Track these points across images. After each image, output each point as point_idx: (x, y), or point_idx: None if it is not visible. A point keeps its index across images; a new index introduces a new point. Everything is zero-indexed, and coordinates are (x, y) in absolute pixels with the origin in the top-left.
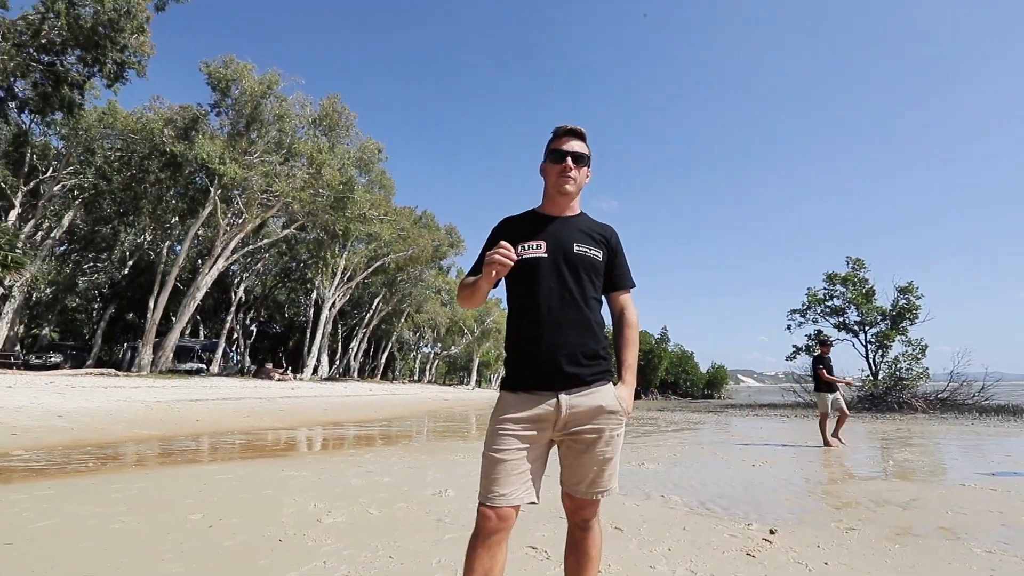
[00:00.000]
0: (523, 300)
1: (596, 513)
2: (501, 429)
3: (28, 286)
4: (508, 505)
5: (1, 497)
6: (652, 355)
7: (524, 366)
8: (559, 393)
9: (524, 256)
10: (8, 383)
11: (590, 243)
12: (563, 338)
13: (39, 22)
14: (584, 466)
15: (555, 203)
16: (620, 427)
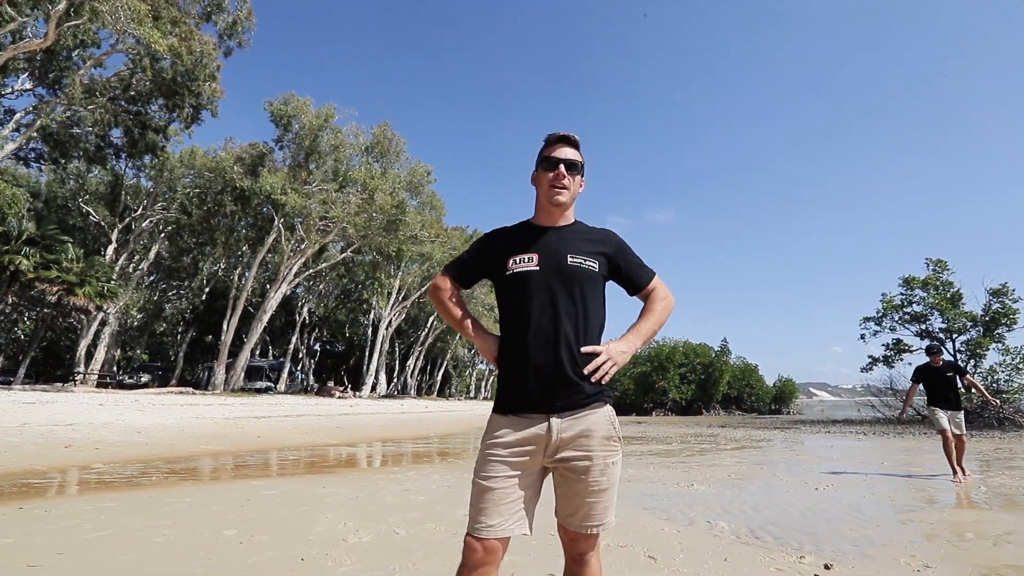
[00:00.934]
0: (513, 317)
1: (594, 547)
2: (490, 455)
3: (122, 313)
4: (495, 537)
5: (69, 508)
6: (712, 369)
7: (514, 388)
8: (550, 417)
9: (515, 270)
10: (100, 401)
11: (585, 254)
12: (554, 358)
13: (128, 77)
14: (577, 496)
15: (548, 213)
16: (616, 454)
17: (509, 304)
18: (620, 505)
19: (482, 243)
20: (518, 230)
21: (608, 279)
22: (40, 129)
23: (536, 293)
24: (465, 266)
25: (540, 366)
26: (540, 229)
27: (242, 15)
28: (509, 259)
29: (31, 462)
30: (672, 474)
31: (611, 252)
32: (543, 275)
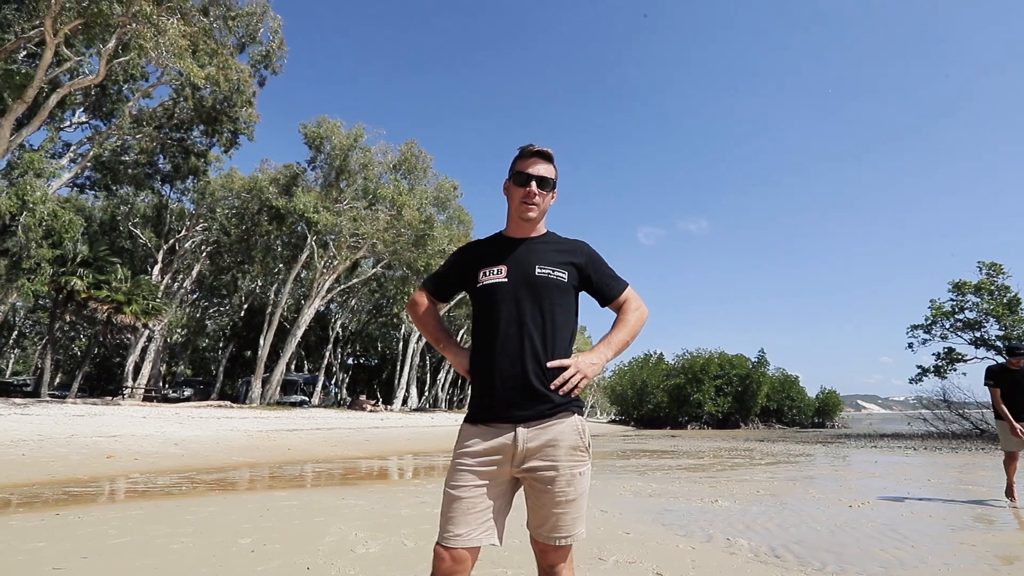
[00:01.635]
0: (482, 328)
1: (565, 559)
2: (458, 464)
3: (166, 330)
4: (463, 546)
5: (100, 515)
6: (749, 380)
7: (482, 398)
8: (516, 427)
9: (484, 282)
10: (143, 414)
11: (554, 264)
12: (519, 367)
13: (172, 106)
14: (544, 507)
15: (518, 226)
16: (582, 465)
17: (479, 315)
18: (636, 520)
19: (456, 257)
20: (490, 242)
21: (580, 290)
22: (94, 158)
23: (504, 304)
24: (441, 280)
25: (507, 376)
26: (511, 241)
27: (274, 45)
28: (480, 271)
29: (75, 471)
30: (697, 489)
31: (581, 262)
32: (511, 286)
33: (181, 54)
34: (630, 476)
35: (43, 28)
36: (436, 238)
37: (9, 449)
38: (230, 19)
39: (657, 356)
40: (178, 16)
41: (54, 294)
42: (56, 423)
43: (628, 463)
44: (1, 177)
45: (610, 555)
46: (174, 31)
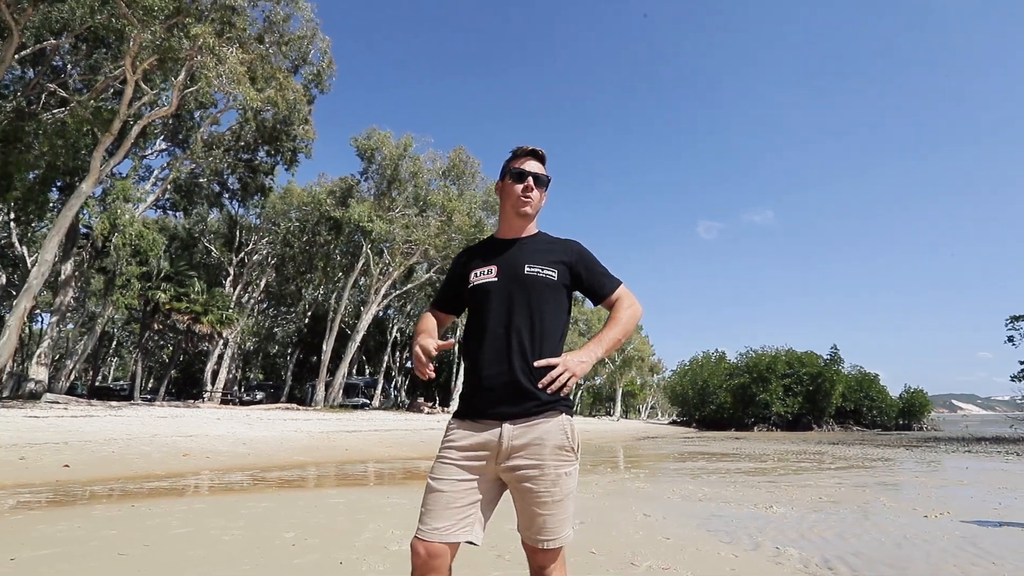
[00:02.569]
0: (473, 326)
1: (554, 561)
2: (443, 457)
3: (240, 337)
4: (439, 541)
5: (168, 508)
6: (822, 379)
7: (470, 394)
8: (503, 423)
9: (475, 283)
10: (218, 416)
11: (544, 263)
12: (505, 365)
13: (239, 129)
14: (529, 508)
15: (511, 226)
16: (568, 465)
17: (471, 315)
18: (679, 525)
19: (452, 265)
20: (481, 245)
21: (571, 288)
22: (172, 181)
23: (493, 303)
24: (443, 294)
25: (494, 373)
26: (502, 242)
27: (324, 65)
28: (472, 272)
29: (154, 468)
30: (753, 494)
31: (572, 261)
32: (501, 285)
33: (240, 80)
34: (682, 479)
35: (124, 67)
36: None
37: (102, 447)
38: (283, 44)
39: (719, 354)
40: (236, 45)
41: (142, 306)
42: (143, 424)
43: (683, 466)
44: (96, 203)
45: (643, 560)
46: (233, 59)
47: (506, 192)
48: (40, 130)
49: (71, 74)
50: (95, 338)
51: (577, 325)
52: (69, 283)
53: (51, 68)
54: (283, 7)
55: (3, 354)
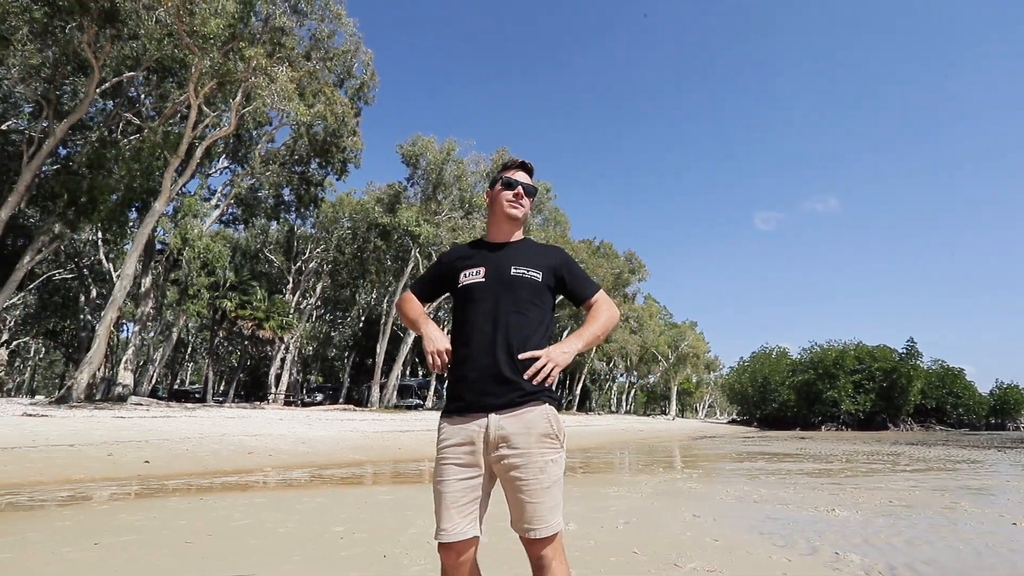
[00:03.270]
0: (460, 324)
1: (550, 549)
2: (441, 458)
3: (299, 342)
4: (452, 541)
5: (232, 501)
6: (897, 375)
7: (458, 390)
8: (488, 414)
9: (464, 282)
10: (280, 416)
11: (528, 265)
12: (493, 358)
13: (293, 144)
14: (518, 496)
15: (500, 230)
16: (554, 453)
17: (459, 313)
18: (730, 527)
19: (439, 261)
20: (471, 247)
21: (555, 290)
22: (234, 197)
23: (481, 302)
24: (424, 284)
25: (480, 367)
26: (490, 245)
27: (367, 77)
28: (461, 273)
29: (223, 464)
30: (814, 496)
31: (556, 264)
32: (489, 285)
33: (290, 97)
34: (738, 480)
35: (188, 93)
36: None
37: (178, 445)
38: (328, 60)
39: (780, 350)
40: (286, 64)
41: (211, 314)
42: (213, 424)
43: (739, 466)
44: (168, 220)
45: (688, 562)
46: (283, 77)
47: (496, 198)
48: (119, 156)
49: (144, 103)
50: (171, 345)
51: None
52: (148, 295)
53: (127, 99)
54: (327, 24)
55: (95, 360)
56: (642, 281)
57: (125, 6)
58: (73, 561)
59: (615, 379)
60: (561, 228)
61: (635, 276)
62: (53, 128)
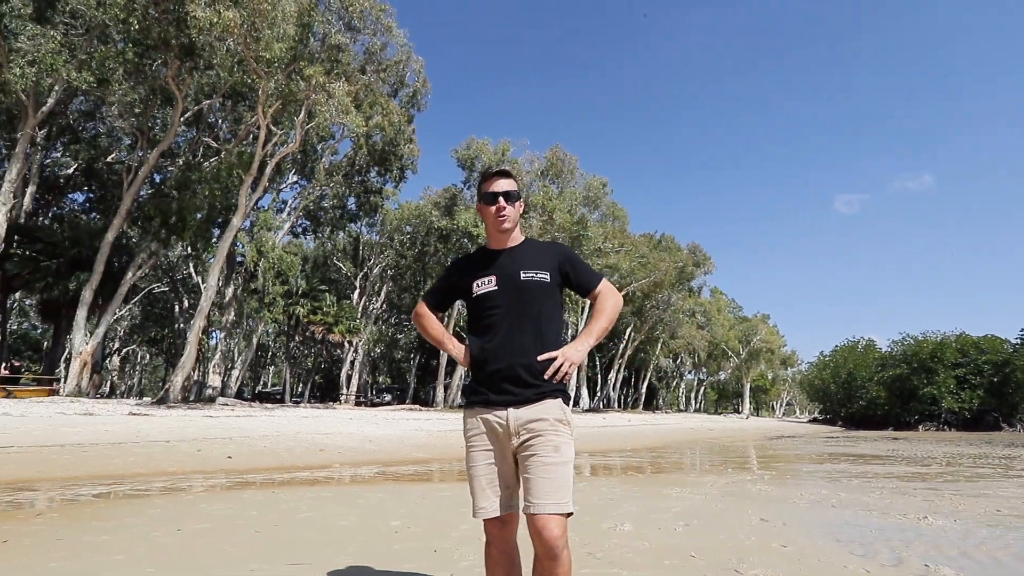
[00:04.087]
0: (477, 329)
1: (562, 535)
2: (470, 446)
3: (367, 345)
4: (491, 516)
5: (302, 495)
6: (1009, 369)
7: (481, 389)
8: (508, 408)
9: (478, 292)
10: (350, 416)
11: (536, 268)
12: (510, 360)
13: (354, 155)
14: (534, 471)
15: (498, 240)
16: (566, 436)
17: (476, 320)
18: (802, 532)
19: (450, 272)
20: (477, 256)
21: (562, 286)
22: (303, 209)
23: (498, 308)
24: (437, 294)
25: (501, 369)
26: (495, 253)
27: (419, 85)
28: (473, 283)
29: (296, 461)
30: (904, 502)
31: (560, 262)
32: (502, 292)
33: (347, 110)
34: (815, 482)
35: (257, 114)
36: (591, 237)
37: (257, 442)
38: (382, 71)
39: (866, 343)
40: (343, 79)
41: (286, 320)
42: (289, 423)
43: (818, 468)
44: (245, 235)
45: (750, 568)
46: (340, 92)
47: (484, 213)
48: (202, 178)
49: (221, 127)
50: (252, 350)
51: (695, 317)
52: (231, 304)
53: (206, 124)
54: (379, 38)
55: (187, 365)
56: (707, 274)
57: (200, 39)
58: (159, 544)
59: (682, 376)
60: (620, 223)
61: (700, 269)
62: (146, 157)
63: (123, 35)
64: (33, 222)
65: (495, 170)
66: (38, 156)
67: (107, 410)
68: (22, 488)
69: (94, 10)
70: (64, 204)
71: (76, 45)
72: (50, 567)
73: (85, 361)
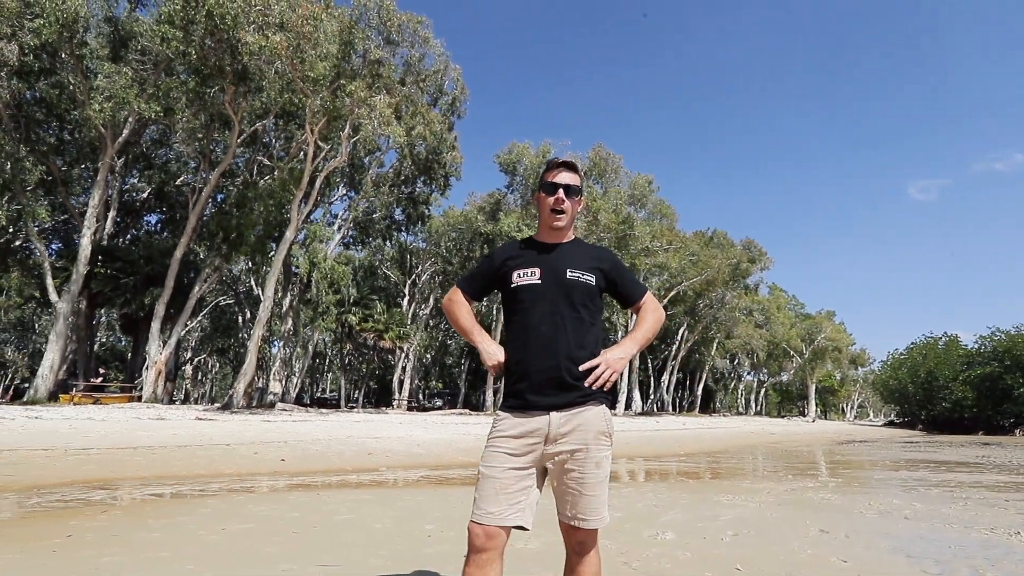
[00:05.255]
0: (517, 325)
1: (592, 539)
2: (493, 446)
3: (417, 350)
4: (495, 524)
5: (343, 497)
6: None
7: (518, 388)
8: (549, 412)
9: (519, 283)
10: (400, 420)
11: (583, 269)
12: (552, 361)
13: (399, 166)
14: (573, 488)
15: (549, 233)
16: (608, 449)
17: (514, 313)
18: (866, 546)
19: (490, 259)
20: (523, 246)
21: (605, 292)
22: (352, 220)
23: (538, 304)
24: (475, 280)
25: (542, 369)
26: (543, 246)
27: (458, 92)
28: (514, 273)
29: (345, 464)
30: (992, 515)
31: (607, 268)
32: (545, 287)
33: (388, 122)
34: (887, 490)
35: (306, 131)
36: (638, 237)
37: (309, 445)
38: (421, 82)
39: (949, 338)
40: (384, 92)
41: (338, 328)
42: (341, 427)
43: (892, 475)
44: (299, 247)
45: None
46: (381, 105)
47: (541, 204)
48: (258, 195)
49: (274, 146)
50: (309, 357)
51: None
52: (288, 313)
53: (261, 144)
54: (417, 49)
55: (248, 373)
56: (764, 270)
57: (251, 63)
58: (203, 542)
59: (741, 378)
60: (668, 221)
61: (755, 265)
62: (208, 178)
63: (184, 66)
64: (115, 243)
65: (560, 160)
66: (117, 183)
67: (177, 415)
68: (97, 487)
69: (159, 46)
70: (141, 225)
71: (145, 79)
72: (103, 561)
73: (159, 370)
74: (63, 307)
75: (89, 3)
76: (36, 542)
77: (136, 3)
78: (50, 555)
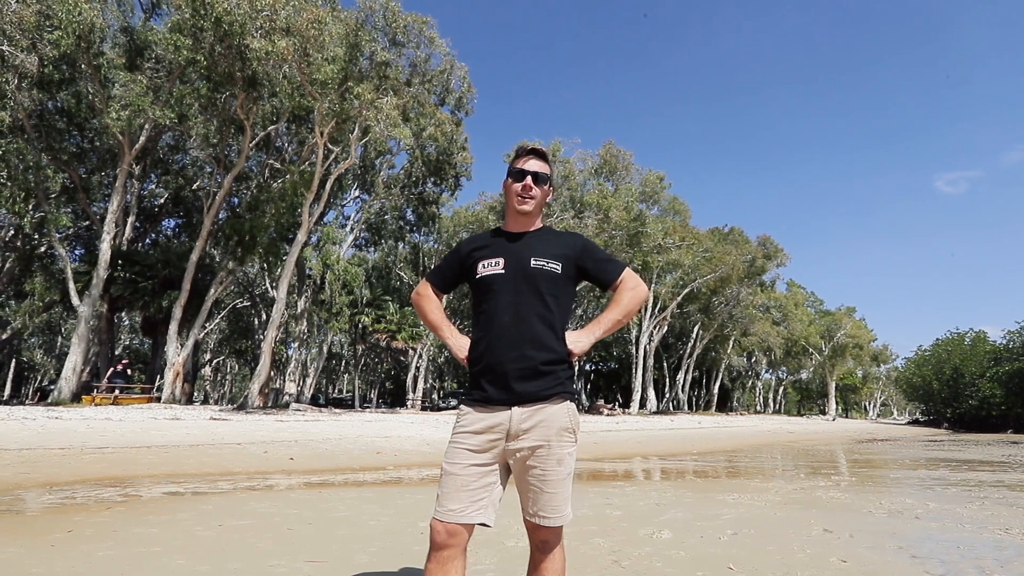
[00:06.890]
0: (481, 316)
1: (556, 536)
2: (455, 442)
3: (431, 351)
4: (456, 522)
5: (344, 495)
6: None
7: (481, 382)
8: (512, 407)
9: (483, 274)
10: (412, 420)
11: (548, 256)
12: (515, 352)
13: (409, 168)
14: (534, 486)
15: (516, 220)
16: (571, 446)
17: (479, 305)
18: (870, 546)
19: (456, 251)
20: (488, 236)
21: (576, 279)
22: (364, 222)
23: (501, 294)
24: (443, 273)
25: (504, 361)
26: (508, 235)
27: (464, 90)
28: (479, 264)
29: (353, 462)
30: (1009, 515)
31: (575, 254)
32: (509, 277)
33: (396, 123)
34: (900, 490)
35: (315, 134)
36: (649, 234)
37: (319, 444)
38: (428, 82)
39: (976, 335)
40: (391, 94)
41: (352, 329)
42: (353, 426)
43: (909, 475)
44: (312, 249)
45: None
46: (388, 106)
47: (509, 191)
48: (270, 198)
49: (286, 149)
50: (323, 358)
51: (769, 313)
52: (303, 315)
53: (273, 148)
54: (423, 49)
55: (262, 373)
56: (780, 267)
57: (260, 69)
58: (198, 538)
59: (758, 376)
60: (681, 217)
61: (771, 262)
62: (222, 182)
63: (197, 73)
64: (134, 248)
65: (530, 147)
66: (135, 189)
67: (192, 415)
68: (108, 485)
69: (172, 54)
70: (159, 230)
71: (160, 87)
72: (98, 555)
73: (177, 371)
74: (84, 311)
75: (105, 14)
76: (38, 537)
77: (151, 12)
78: (49, 549)
